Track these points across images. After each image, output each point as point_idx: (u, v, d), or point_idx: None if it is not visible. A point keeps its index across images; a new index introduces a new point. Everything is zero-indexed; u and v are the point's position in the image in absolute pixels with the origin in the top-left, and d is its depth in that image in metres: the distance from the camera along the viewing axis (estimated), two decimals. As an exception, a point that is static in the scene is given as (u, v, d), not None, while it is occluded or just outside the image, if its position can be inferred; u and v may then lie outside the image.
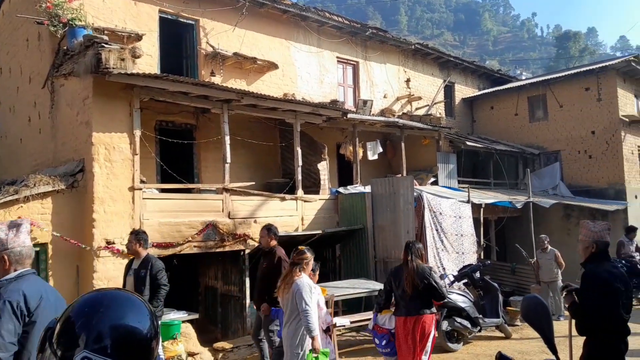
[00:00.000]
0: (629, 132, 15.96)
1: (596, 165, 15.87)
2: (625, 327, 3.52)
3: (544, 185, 16.19)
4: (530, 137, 17.25)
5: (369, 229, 10.20)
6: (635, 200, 15.71)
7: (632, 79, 16.69)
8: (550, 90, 16.83)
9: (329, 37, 13.79)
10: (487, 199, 12.26)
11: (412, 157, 13.77)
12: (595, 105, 15.88)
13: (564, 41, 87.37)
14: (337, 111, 11.08)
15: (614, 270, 3.59)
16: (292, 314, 4.73)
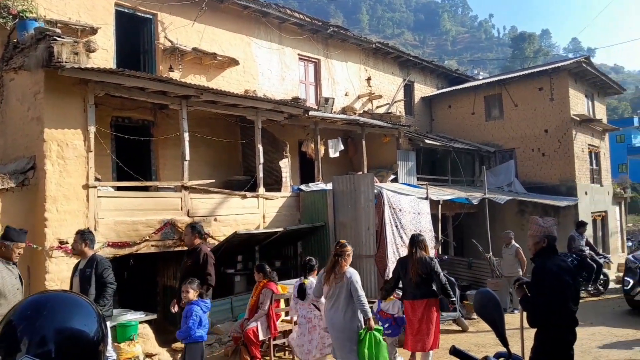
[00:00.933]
0: (580, 130, 16.64)
1: (549, 162, 16.47)
2: (573, 319, 3.66)
3: (500, 182, 16.68)
4: (486, 136, 17.72)
5: (330, 225, 10.25)
6: (585, 197, 16.40)
7: (583, 80, 17.39)
8: (505, 89, 17.35)
9: (291, 34, 13.75)
10: (445, 196, 12.52)
11: (373, 154, 13.92)
12: (548, 105, 16.47)
13: (519, 42, 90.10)
14: (298, 108, 11.07)
15: (562, 264, 3.73)
16: (347, 300, 5.17)
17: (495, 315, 2.09)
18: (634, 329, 8.08)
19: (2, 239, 4.72)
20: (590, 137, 17.51)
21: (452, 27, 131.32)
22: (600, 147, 18.48)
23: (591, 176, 17.46)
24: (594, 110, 18.39)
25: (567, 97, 16.13)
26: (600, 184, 18.22)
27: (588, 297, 11.36)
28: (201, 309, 5.55)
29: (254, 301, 7.11)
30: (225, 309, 9.14)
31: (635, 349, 7.05)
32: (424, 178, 14.46)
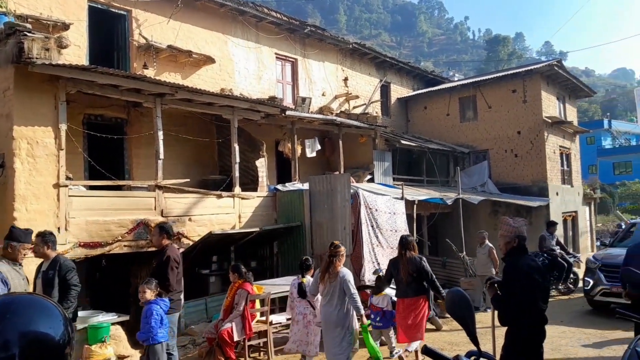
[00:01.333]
0: (552, 132, 17.02)
1: (521, 163, 16.79)
2: (543, 317, 3.74)
3: (473, 183, 16.93)
4: (460, 137, 17.97)
5: (306, 225, 10.25)
6: (557, 197, 16.78)
7: (555, 82, 17.79)
8: (479, 91, 17.62)
9: (268, 33, 13.70)
10: (420, 196, 12.65)
11: (349, 154, 13.97)
12: (521, 107, 16.79)
13: (494, 45, 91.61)
14: (275, 108, 11.04)
15: (532, 263, 3.80)
16: (341, 298, 5.47)
17: (466, 314, 2.13)
18: (601, 329, 8.29)
19: (8, 239, 4.66)
20: (561, 138, 17.92)
21: (428, 29, 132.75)
22: (571, 149, 18.92)
23: (562, 177, 17.87)
24: (565, 112, 18.83)
25: (540, 99, 16.48)
26: (571, 184, 18.66)
27: (559, 296, 11.62)
28: (161, 307, 5.47)
29: (228, 302, 7.07)
30: (199, 309, 9.06)
31: (604, 348, 7.23)
32: (400, 178, 14.58)
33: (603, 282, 9.44)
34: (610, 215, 30.82)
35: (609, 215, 31.14)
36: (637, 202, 36.75)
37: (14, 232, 4.77)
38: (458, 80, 25.65)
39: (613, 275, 9.05)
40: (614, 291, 9.04)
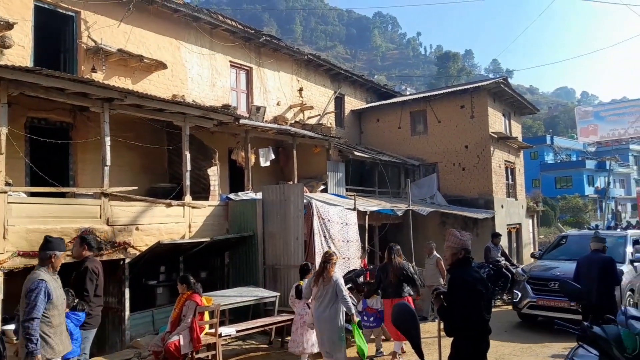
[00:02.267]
0: (497, 147, 17.69)
1: (468, 177, 17.34)
2: (487, 327, 3.86)
3: (423, 195, 17.32)
4: (411, 149, 18.39)
5: (259, 235, 10.17)
6: (502, 210, 17.41)
7: (501, 99, 18.53)
8: (430, 106, 18.11)
9: (222, 40, 13.60)
10: (372, 207, 12.82)
11: (303, 164, 14.01)
12: (469, 122, 17.37)
13: (444, 61, 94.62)
14: (229, 116, 10.92)
15: (476, 275, 3.93)
16: (332, 299, 6.14)
17: (411, 326, 2.17)
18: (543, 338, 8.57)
19: (49, 249, 4.64)
20: (506, 153, 18.65)
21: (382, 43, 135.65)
22: (515, 163, 19.72)
23: (507, 190, 18.58)
24: (511, 128, 19.63)
25: (487, 115, 17.11)
26: (515, 198, 19.43)
27: (504, 306, 11.99)
28: (72, 322, 5.24)
29: (176, 314, 6.90)
30: (146, 321, 8.80)
31: (547, 357, 7.51)
32: (353, 189, 14.73)
33: (530, 294, 9.36)
34: (552, 228, 32.27)
35: (551, 227, 32.59)
36: (577, 215, 38.71)
37: (54, 242, 4.74)
38: (410, 94, 26.28)
39: (540, 287, 9.16)
40: (540, 304, 9.07)
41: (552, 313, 8.79)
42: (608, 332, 3.46)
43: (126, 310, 8.33)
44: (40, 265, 4.61)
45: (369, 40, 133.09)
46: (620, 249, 9.76)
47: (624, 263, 9.27)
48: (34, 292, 4.28)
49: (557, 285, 8.11)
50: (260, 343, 8.74)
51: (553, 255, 10.57)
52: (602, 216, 41.60)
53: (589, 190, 45.17)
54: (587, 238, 10.64)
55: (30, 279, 4.40)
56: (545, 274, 9.38)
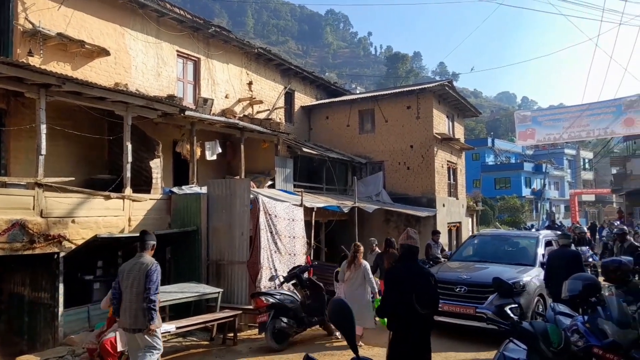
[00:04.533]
0: (441, 148, 18.21)
1: (413, 175, 17.77)
2: (420, 320, 3.99)
3: (369, 192, 17.60)
4: (359, 148, 18.63)
5: (203, 230, 9.97)
6: (443, 208, 17.96)
7: (446, 102, 19.08)
8: (378, 105, 18.40)
9: (170, 29, 13.22)
10: (319, 203, 12.88)
11: (251, 159, 13.88)
12: (415, 123, 17.79)
13: (394, 61, 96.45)
14: (174, 107, 10.65)
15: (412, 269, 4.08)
16: (361, 281, 7.86)
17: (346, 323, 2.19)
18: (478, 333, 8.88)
19: (153, 240, 5.66)
20: (449, 154, 19.24)
21: (333, 40, 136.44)
22: (457, 164, 20.39)
23: (449, 190, 19.18)
24: (454, 130, 20.26)
25: (431, 116, 17.57)
26: (456, 197, 20.09)
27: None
28: None
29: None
30: (81, 318, 8.45)
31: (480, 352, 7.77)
32: (301, 185, 14.75)
33: None
34: (491, 226, 33.60)
35: (490, 226, 33.93)
36: (514, 215, 40.54)
37: (151, 235, 5.72)
38: (359, 93, 26.58)
39: (446, 292, 7.96)
40: (445, 309, 7.84)
41: (458, 320, 7.91)
42: (536, 328, 3.64)
43: (60, 306, 7.97)
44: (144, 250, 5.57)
45: (320, 38, 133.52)
46: (531, 251, 9.34)
47: (534, 266, 8.73)
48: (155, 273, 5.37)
49: (463, 289, 7.94)
50: (201, 340, 8.60)
51: (463, 256, 9.96)
52: (537, 216, 43.82)
53: (526, 192, 47.40)
54: (498, 239, 10.52)
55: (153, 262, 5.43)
56: (452, 277, 8.39)
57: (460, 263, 9.50)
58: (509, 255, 9.46)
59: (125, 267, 5.56)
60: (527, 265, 8.73)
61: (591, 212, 55.46)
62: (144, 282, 5.28)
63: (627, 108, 23.48)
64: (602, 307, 4.33)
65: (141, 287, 5.29)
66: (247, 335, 8.86)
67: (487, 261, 9.19)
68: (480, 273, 8.48)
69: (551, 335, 3.58)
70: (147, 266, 5.37)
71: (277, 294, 8.18)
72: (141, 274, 5.34)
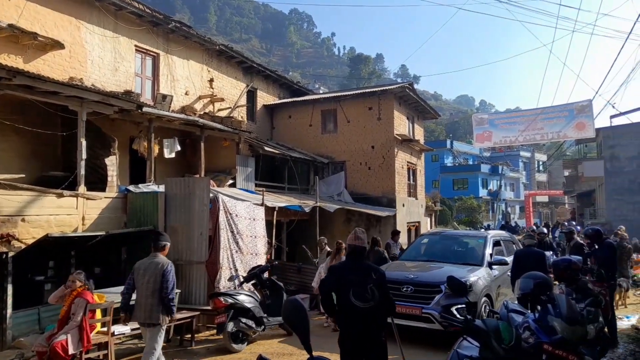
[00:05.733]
0: (401, 149, 18.48)
1: (374, 176, 17.96)
2: (362, 315, 4.06)
3: (331, 192, 17.69)
4: (321, 147, 18.68)
5: (160, 230, 9.74)
6: (403, 208, 18.23)
7: (406, 104, 19.37)
8: (340, 106, 18.51)
9: (128, 23, 12.88)
10: (280, 203, 12.84)
11: (212, 158, 13.69)
12: (376, 124, 17.98)
13: (357, 63, 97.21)
14: (131, 103, 10.37)
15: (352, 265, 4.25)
16: None
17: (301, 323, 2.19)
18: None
19: (164, 241, 6.01)
20: (409, 155, 19.55)
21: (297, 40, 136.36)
22: (417, 165, 20.73)
23: (409, 190, 19.49)
24: (414, 131, 20.60)
25: (392, 117, 17.81)
26: (416, 197, 20.44)
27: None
28: None
29: (64, 311, 6.43)
30: (31, 320, 8.11)
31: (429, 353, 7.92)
32: (262, 184, 14.67)
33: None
34: (449, 226, 34.35)
35: (448, 225, 34.68)
36: (471, 215, 41.59)
37: (165, 234, 6.24)
38: (322, 93, 26.65)
39: (392, 291, 7.68)
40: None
41: (404, 321, 7.54)
42: (488, 325, 3.74)
43: (8, 308, 7.63)
44: (158, 251, 5.92)
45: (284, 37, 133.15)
46: (479, 251, 9.09)
47: (482, 266, 8.50)
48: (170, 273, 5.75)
49: (410, 289, 7.69)
50: (158, 341, 8.40)
51: (412, 255, 9.72)
52: (493, 217, 45.09)
53: (483, 193, 48.70)
54: (447, 238, 10.42)
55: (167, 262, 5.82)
56: (398, 276, 8.08)
57: (408, 262, 9.27)
58: (457, 255, 9.25)
59: (141, 265, 5.90)
60: (474, 265, 8.52)
61: (544, 212, 57.56)
62: (160, 280, 5.68)
63: (579, 113, 24.49)
64: (552, 305, 4.48)
65: (157, 285, 5.67)
66: (205, 336, 8.74)
67: (435, 261, 9.02)
68: (428, 273, 8.33)
69: (503, 332, 3.68)
70: (162, 266, 5.76)
71: (236, 295, 8.09)
72: (157, 273, 5.71)
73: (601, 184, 33.44)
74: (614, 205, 31.25)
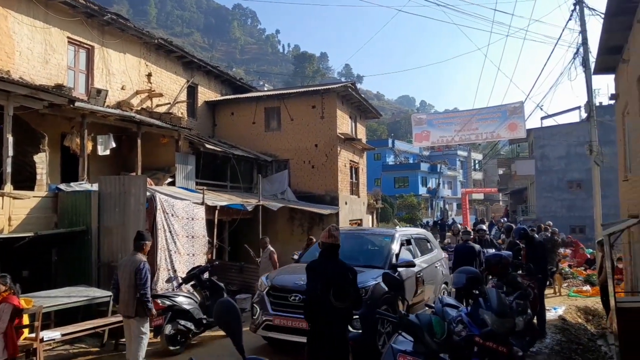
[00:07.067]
0: (344, 148, 18.69)
1: (317, 174, 18.06)
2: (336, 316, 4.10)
3: (275, 190, 17.63)
4: (265, 145, 18.56)
5: (93, 230, 9.37)
6: (345, 206, 18.46)
7: (349, 103, 19.60)
8: (284, 104, 18.46)
9: (60, 14, 12.24)
10: (222, 202, 12.65)
11: (150, 155, 13.25)
12: (319, 122, 18.08)
13: (301, 61, 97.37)
14: (62, 97, 9.86)
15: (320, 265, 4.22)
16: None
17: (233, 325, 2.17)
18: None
19: (143, 240, 6.46)
20: (352, 154, 19.81)
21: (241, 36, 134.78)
22: (359, 163, 21.04)
23: (351, 188, 19.75)
24: (357, 130, 20.88)
25: (335, 116, 17.98)
26: (358, 195, 20.74)
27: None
28: None
29: (-13, 318, 6.03)
30: (-52, 329, 7.55)
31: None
32: (204, 183, 14.38)
33: (268, 310, 6.78)
34: (390, 223, 35.10)
35: (389, 223, 35.43)
36: (411, 212, 42.71)
37: (145, 234, 6.63)
38: (267, 90, 26.47)
39: (279, 301, 6.78)
40: (278, 324, 6.55)
41: (290, 336, 6.51)
42: (421, 320, 3.86)
43: None
44: (137, 250, 6.40)
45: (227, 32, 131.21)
46: (384, 252, 7.95)
47: (383, 269, 7.15)
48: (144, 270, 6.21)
49: (298, 298, 6.45)
50: (91, 346, 8.08)
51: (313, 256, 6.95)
52: (432, 214, 46.53)
53: (422, 190, 50.16)
54: (353, 237, 8.79)
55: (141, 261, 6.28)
56: (287, 282, 6.96)
57: (299, 265, 7.95)
58: (361, 256, 7.91)
59: (122, 263, 6.60)
60: (377, 267, 7.34)
61: (480, 209, 60.05)
62: (135, 278, 6.18)
63: (511, 114, 25.67)
64: (483, 299, 4.68)
65: (131, 281, 6.19)
66: (142, 340, 8.46)
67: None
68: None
69: (435, 326, 3.81)
70: (136, 264, 6.24)
71: (174, 296, 7.91)
72: (132, 270, 6.22)
73: (532, 182, 35.33)
74: (543, 202, 33.12)
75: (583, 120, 23.54)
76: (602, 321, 10.41)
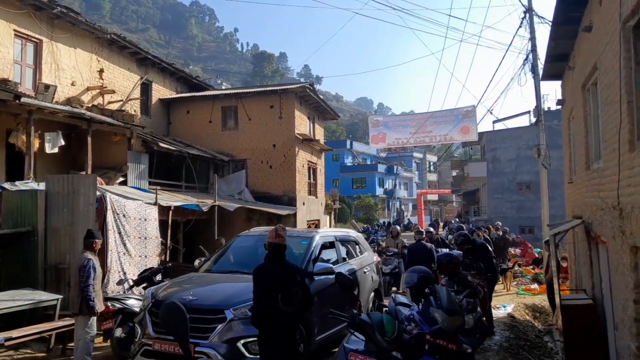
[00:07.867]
0: (302, 148, 18.71)
1: (275, 174, 18.01)
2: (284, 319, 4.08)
3: (232, 190, 17.44)
4: (221, 145, 18.34)
5: (40, 231, 8.97)
6: (303, 206, 18.48)
7: (307, 103, 19.64)
8: (241, 103, 18.30)
9: (6, 5, 11.71)
10: (176, 202, 12.42)
11: (100, 153, 12.83)
12: (278, 122, 18.04)
13: (260, 60, 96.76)
14: (7, 92, 9.44)
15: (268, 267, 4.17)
16: None
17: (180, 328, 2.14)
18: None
19: (92, 238, 6.58)
20: (310, 154, 19.86)
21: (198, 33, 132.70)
22: (317, 164, 21.12)
23: (309, 189, 19.80)
24: (315, 131, 20.95)
25: (293, 117, 17.98)
26: (316, 196, 20.81)
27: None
28: None
29: None
30: None
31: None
32: (157, 183, 14.04)
33: (149, 332, 5.35)
34: (347, 224, 35.41)
35: (347, 223, 35.74)
36: (368, 213, 43.23)
37: (94, 232, 6.79)
38: (224, 89, 26.15)
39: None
40: (158, 349, 4.92)
41: None
42: (373, 319, 3.92)
43: None
44: (86, 249, 6.48)
45: (184, 29, 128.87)
46: (299, 257, 6.64)
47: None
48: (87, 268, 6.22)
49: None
50: (36, 352, 7.76)
51: (220, 264, 7.31)
52: (389, 214, 47.24)
53: (379, 191, 50.87)
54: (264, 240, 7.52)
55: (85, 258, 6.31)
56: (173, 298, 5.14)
57: (201, 275, 7.05)
58: None
59: (74, 262, 6.84)
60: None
61: (435, 210, 61.45)
62: (78, 275, 6.28)
63: (464, 117, 26.35)
64: (434, 297, 4.79)
65: (76, 279, 6.30)
66: (91, 344, 8.20)
67: (243, 272, 6.35)
68: (210, 291, 5.95)
69: (386, 325, 3.88)
70: (81, 261, 6.34)
71: (125, 299, 7.69)
72: (76, 268, 6.36)
73: (484, 183, 36.47)
74: (494, 203, 34.24)
75: (532, 125, 24.51)
76: (549, 318, 10.84)
